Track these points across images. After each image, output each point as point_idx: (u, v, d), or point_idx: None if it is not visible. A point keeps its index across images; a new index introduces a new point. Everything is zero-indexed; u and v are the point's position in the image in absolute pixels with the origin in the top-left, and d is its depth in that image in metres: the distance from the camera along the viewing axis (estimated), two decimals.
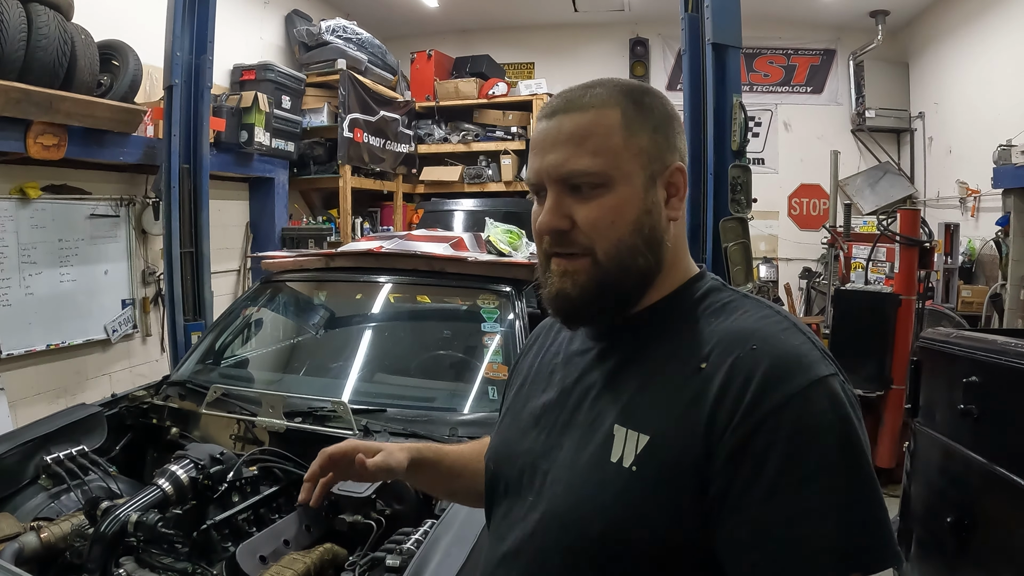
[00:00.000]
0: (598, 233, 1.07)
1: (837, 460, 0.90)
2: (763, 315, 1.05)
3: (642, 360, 1.09)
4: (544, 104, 1.15)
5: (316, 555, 2.14)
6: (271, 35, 7.98)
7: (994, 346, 2.61)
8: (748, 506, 0.91)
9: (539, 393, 1.22)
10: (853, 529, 0.88)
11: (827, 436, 0.91)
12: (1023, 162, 6.00)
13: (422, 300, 3.84)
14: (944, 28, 8.69)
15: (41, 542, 2.26)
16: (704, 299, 1.12)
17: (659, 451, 0.98)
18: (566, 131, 1.08)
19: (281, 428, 2.70)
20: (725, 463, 0.93)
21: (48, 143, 4.30)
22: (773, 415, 0.92)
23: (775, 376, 0.94)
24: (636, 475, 0.99)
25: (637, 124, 1.09)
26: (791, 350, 0.97)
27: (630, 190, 1.08)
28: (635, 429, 1.01)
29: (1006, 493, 2.42)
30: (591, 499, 1.02)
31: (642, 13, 9.86)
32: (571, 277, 1.09)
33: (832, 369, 0.97)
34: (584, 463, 1.06)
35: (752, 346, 0.98)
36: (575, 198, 1.08)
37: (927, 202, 9.19)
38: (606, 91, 1.11)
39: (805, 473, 0.89)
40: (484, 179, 9.48)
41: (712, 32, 3.84)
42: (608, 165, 1.06)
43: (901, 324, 5.03)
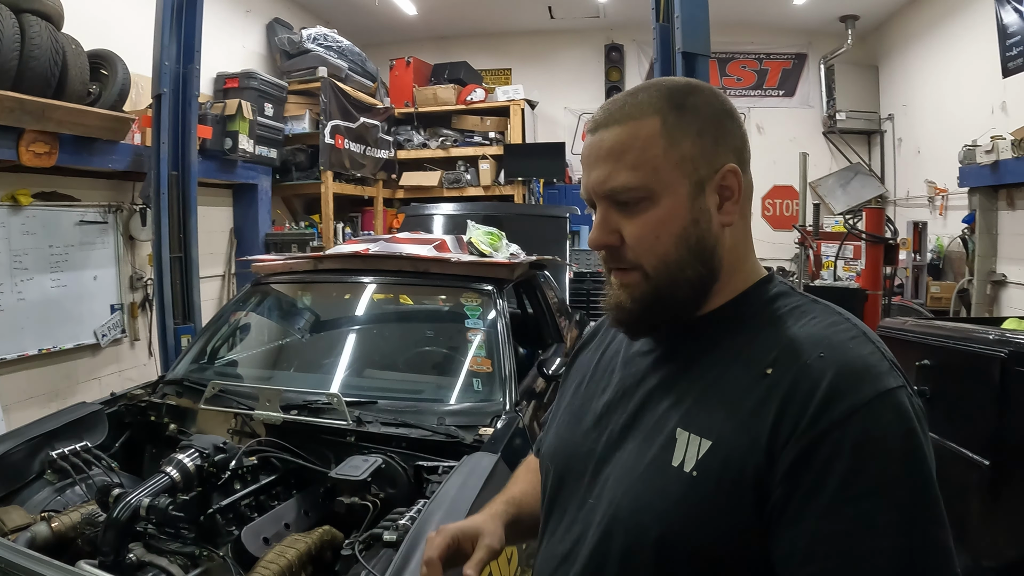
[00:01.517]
0: (644, 249, 1.06)
1: (901, 475, 0.88)
2: (832, 322, 1.02)
3: (706, 363, 1.06)
4: (590, 118, 1.13)
5: (316, 536, 2.27)
6: (253, 43, 8.09)
7: (943, 331, 2.80)
8: (807, 518, 0.89)
9: (599, 393, 1.20)
10: (913, 548, 0.86)
11: (892, 450, 0.89)
12: (987, 162, 6.22)
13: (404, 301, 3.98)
14: (912, 32, 8.95)
15: (52, 531, 2.36)
16: (771, 303, 1.09)
17: (721, 457, 0.96)
18: (606, 146, 1.07)
19: (278, 421, 2.81)
20: (786, 473, 0.91)
21: (40, 151, 4.39)
22: (838, 427, 0.89)
23: (842, 386, 0.91)
24: (697, 480, 0.97)
25: (679, 130, 1.05)
26: (859, 360, 0.95)
27: (674, 201, 1.05)
28: (697, 434, 0.99)
29: (957, 465, 2.61)
30: (651, 503, 1.01)
31: (617, 19, 10.07)
32: (627, 290, 1.09)
33: (900, 381, 0.94)
34: (645, 466, 1.04)
35: (820, 354, 0.96)
36: (622, 213, 1.07)
37: (897, 201, 9.44)
38: (648, 97, 1.08)
39: (867, 487, 0.87)
40: (463, 183, 9.63)
41: (682, 41, 4.00)
42: (648, 178, 1.04)
43: (868, 318, 5.22)
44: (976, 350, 2.54)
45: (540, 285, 4.47)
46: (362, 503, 2.36)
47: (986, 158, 6.28)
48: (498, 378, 3.09)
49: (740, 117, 1.15)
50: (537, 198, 9.59)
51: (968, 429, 2.57)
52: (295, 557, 2.12)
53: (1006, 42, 6.37)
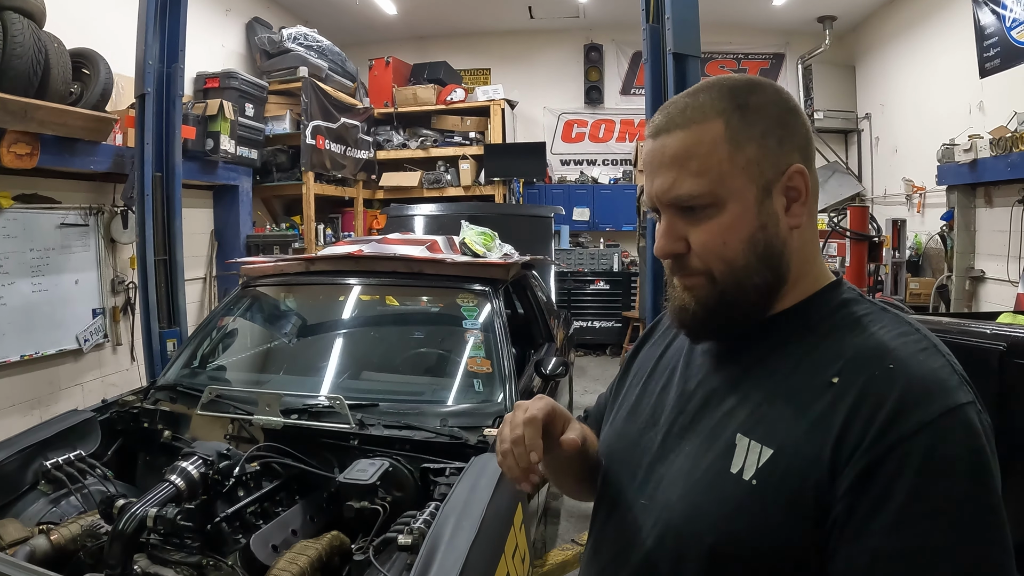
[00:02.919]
0: (712, 256, 1.04)
1: (967, 496, 0.85)
2: (902, 332, 0.99)
3: (769, 368, 1.04)
4: (650, 121, 1.10)
5: (325, 542, 2.24)
6: (233, 43, 8.01)
7: (939, 326, 2.80)
8: (870, 535, 0.87)
9: (658, 391, 1.19)
10: (978, 570, 0.84)
11: (959, 470, 0.86)
12: (966, 160, 6.30)
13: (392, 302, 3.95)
14: (889, 33, 9.06)
15: (52, 544, 2.31)
16: (839, 310, 1.05)
17: (782, 466, 0.94)
18: (669, 153, 1.04)
19: (278, 425, 2.78)
20: (850, 487, 0.89)
21: (21, 152, 4.31)
22: (905, 442, 0.87)
23: (910, 401, 0.89)
24: (756, 489, 0.95)
25: (743, 133, 1.03)
26: (929, 373, 0.92)
27: (741, 207, 1.03)
28: (758, 441, 0.97)
29: None
30: (706, 509, 0.99)
31: (596, 19, 10.09)
32: (692, 292, 1.07)
33: (970, 397, 0.91)
34: (703, 471, 1.02)
35: (889, 365, 0.93)
36: (687, 220, 1.05)
37: (875, 199, 9.55)
38: (709, 99, 1.05)
39: (932, 507, 0.85)
40: (443, 184, 9.60)
41: (673, 42, 3.99)
42: (714, 184, 1.02)
43: None
44: (974, 344, 2.56)
45: (531, 285, 4.47)
46: (372, 507, 2.33)
47: (964, 156, 6.36)
48: (498, 378, 3.08)
49: (804, 112, 1.11)
50: (517, 198, 9.58)
51: None
52: (307, 564, 2.10)
53: (983, 43, 6.46)
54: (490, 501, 2.11)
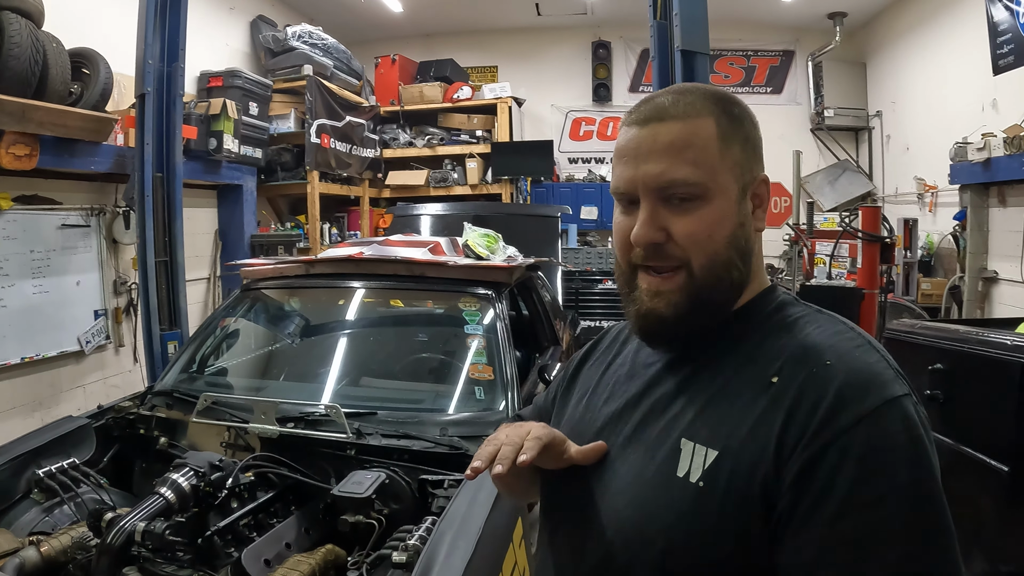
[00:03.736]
0: (696, 247, 1.05)
1: (907, 484, 0.87)
2: (837, 331, 1.03)
3: (711, 373, 1.06)
4: (630, 112, 1.11)
5: (319, 556, 2.18)
6: (237, 41, 7.96)
7: (956, 335, 2.74)
8: (815, 526, 0.88)
9: (602, 404, 1.19)
10: (920, 555, 0.86)
11: (899, 458, 0.88)
12: (979, 159, 6.20)
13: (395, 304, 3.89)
14: (900, 29, 8.94)
15: (42, 556, 2.25)
16: (777, 312, 1.09)
17: (728, 467, 0.95)
18: (663, 140, 1.05)
19: (274, 434, 2.72)
20: (793, 481, 0.90)
21: (20, 153, 4.26)
22: (845, 434, 0.89)
23: (849, 394, 0.91)
24: (704, 491, 0.96)
25: (731, 135, 1.07)
26: (865, 368, 0.95)
27: (726, 203, 1.06)
28: (703, 444, 0.99)
29: (973, 471, 2.56)
30: (656, 515, 1.00)
31: (604, 16, 10.00)
32: (664, 297, 1.07)
33: (906, 389, 0.94)
34: (650, 477, 1.03)
35: (826, 362, 0.96)
36: (670, 210, 1.05)
37: (886, 198, 9.44)
38: (698, 99, 1.08)
39: (874, 496, 0.87)
40: (450, 182, 9.54)
41: (681, 39, 3.94)
42: (707, 176, 1.04)
43: (864, 317, 5.19)
44: (994, 355, 2.49)
45: (536, 287, 4.40)
46: (367, 521, 2.27)
47: (978, 155, 6.26)
48: (500, 385, 3.02)
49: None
50: (525, 197, 9.50)
51: (985, 435, 2.53)
52: None
53: (997, 40, 6.35)
54: (488, 517, 2.04)
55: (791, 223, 7.81)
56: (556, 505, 1.18)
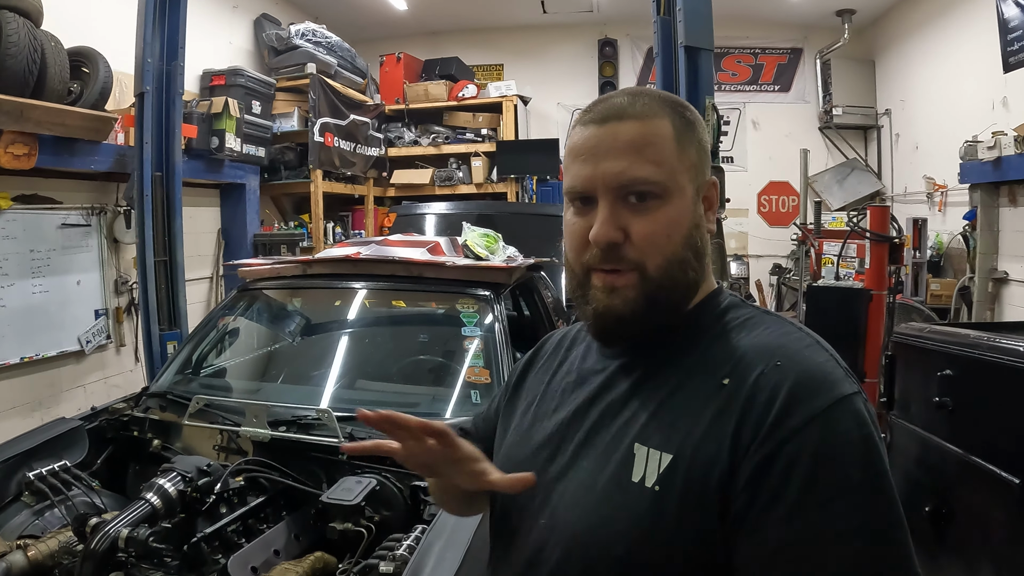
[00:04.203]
0: (653, 247, 1.04)
1: (860, 481, 0.88)
2: (785, 331, 1.04)
3: (661, 377, 1.06)
4: (586, 111, 1.11)
5: (307, 564, 2.15)
6: (240, 39, 7.92)
7: (967, 340, 2.67)
8: (769, 526, 0.89)
9: (551, 412, 1.18)
10: (874, 551, 0.87)
11: (851, 456, 0.89)
12: (989, 158, 6.12)
13: (398, 305, 3.85)
14: (909, 26, 8.84)
15: (28, 560, 2.23)
16: (724, 315, 1.10)
17: (684, 470, 0.95)
18: (625, 138, 1.05)
19: (265, 438, 2.69)
20: (748, 481, 0.91)
21: (19, 152, 4.24)
22: (798, 433, 0.90)
23: (800, 393, 0.92)
24: (660, 495, 0.96)
25: (686, 137, 1.08)
26: (816, 367, 0.96)
27: (683, 203, 1.06)
28: (657, 448, 0.98)
29: (982, 482, 2.49)
30: (612, 521, 0.99)
31: (611, 14, 9.92)
32: (620, 294, 1.06)
33: (855, 387, 0.95)
34: (604, 484, 1.02)
35: (776, 362, 0.96)
36: (628, 209, 1.05)
37: (895, 197, 9.34)
38: (654, 101, 1.09)
39: (828, 494, 0.87)
40: (455, 181, 9.48)
41: (684, 35, 3.88)
42: (666, 176, 1.05)
43: (872, 319, 5.10)
44: (1006, 362, 2.42)
45: (537, 287, 4.35)
46: (356, 529, 2.23)
47: (988, 154, 6.18)
48: (497, 389, 2.96)
49: None
50: (530, 196, 9.44)
51: (996, 445, 2.45)
52: None
53: (1007, 36, 6.27)
54: (478, 527, 1.99)
55: (798, 223, 7.73)
56: (507, 517, 1.16)
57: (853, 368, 4.97)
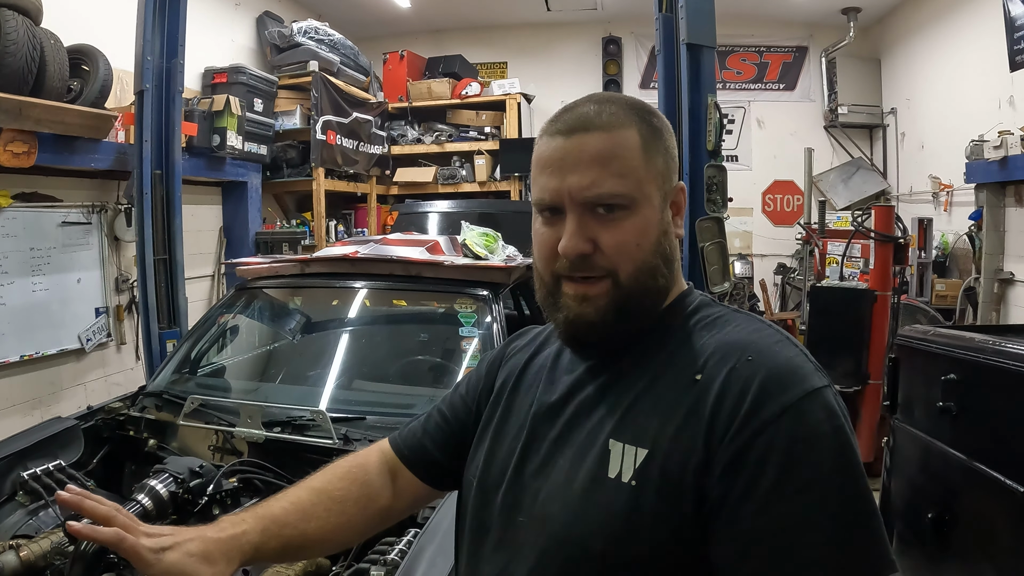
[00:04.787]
0: (623, 256, 1.06)
1: (832, 472, 0.90)
2: (755, 328, 1.06)
3: (634, 375, 1.08)
4: (553, 121, 1.12)
5: (300, 567, 2.12)
6: (242, 37, 7.90)
7: (972, 344, 2.63)
8: (744, 517, 0.91)
9: (524, 410, 1.19)
10: (848, 541, 0.88)
11: (822, 447, 0.91)
12: (995, 157, 6.07)
13: (398, 304, 3.82)
14: (915, 25, 8.78)
15: (21, 560, 2.21)
16: (695, 313, 1.12)
17: (659, 464, 0.97)
18: (591, 151, 1.06)
19: (260, 439, 2.67)
20: (722, 473, 0.93)
21: (18, 151, 4.22)
22: (770, 425, 0.92)
23: (771, 387, 0.94)
24: (636, 490, 0.98)
25: (653, 146, 1.09)
26: (786, 362, 0.98)
27: (651, 212, 1.08)
28: (632, 443, 1.00)
29: (986, 489, 2.45)
30: (590, 517, 1.00)
31: (615, 12, 9.88)
32: (592, 302, 1.08)
33: (825, 381, 0.97)
34: (580, 480, 1.03)
35: (748, 357, 0.98)
36: (596, 220, 1.06)
37: (900, 197, 9.29)
38: (620, 109, 1.10)
39: (800, 485, 0.89)
40: (458, 180, 9.46)
41: (687, 32, 3.85)
42: (633, 187, 1.06)
43: (877, 319, 5.08)
44: (1012, 367, 2.38)
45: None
46: None
47: (994, 153, 6.12)
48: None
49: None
50: None
51: (1001, 451, 2.41)
52: None
53: (1014, 35, 6.21)
54: None
55: (803, 222, 7.69)
56: (480, 518, 1.16)
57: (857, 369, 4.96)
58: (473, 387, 1.36)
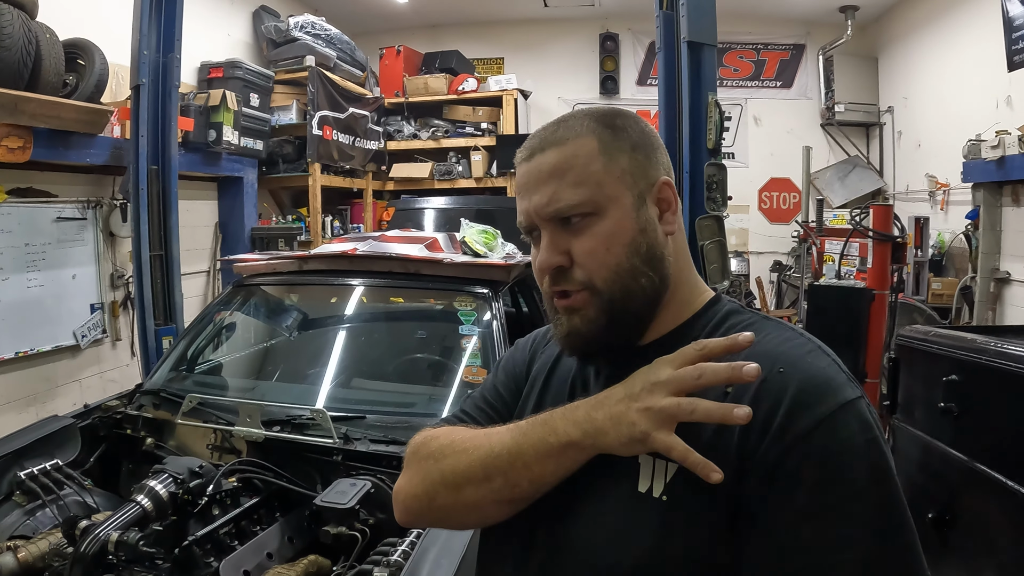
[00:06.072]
0: (596, 263, 1.06)
1: (866, 486, 0.89)
2: (787, 337, 1.04)
3: None
4: (521, 148, 1.14)
5: (301, 568, 2.11)
6: (239, 32, 7.86)
7: (973, 345, 2.63)
8: (777, 531, 0.90)
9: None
10: (883, 555, 0.87)
11: (857, 461, 0.89)
12: (993, 157, 6.07)
13: (395, 301, 3.81)
14: (913, 23, 8.78)
15: (18, 562, 2.20)
16: (723, 323, 1.10)
17: (690, 479, 0.94)
18: (547, 168, 1.08)
19: (259, 438, 2.65)
20: (754, 488, 0.92)
21: (13, 145, 4.19)
22: (803, 440, 0.90)
23: (804, 400, 0.92)
24: (668, 505, 0.96)
25: (614, 147, 1.09)
26: (818, 373, 0.96)
27: (620, 212, 1.07)
28: (663, 458, 0.98)
29: (986, 489, 2.45)
30: (620, 533, 0.99)
31: (612, 8, 9.86)
32: (579, 314, 1.08)
33: (858, 392, 0.95)
34: (611, 496, 1.02)
35: (779, 369, 0.96)
36: (568, 232, 1.07)
37: (896, 195, 9.30)
38: (578, 122, 1.10)
39: (834, 499, 0.88)
40: (454, 175, 9.43)
41: (687, 30, 3.83)
42: (592, 193, 1.06)
43: (874, 318, 5.07)
44: (1013, 369, 2.38)
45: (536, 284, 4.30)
46: (350, 533, 2.19)
47: (991, 153, 6.13)
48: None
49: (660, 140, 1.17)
50: None
51: (1002, 452, 2.41)
52: None
53: (1012, 35, 6.21)
54: (474, 534, 1.95)
55: (800, 220, 7.69)
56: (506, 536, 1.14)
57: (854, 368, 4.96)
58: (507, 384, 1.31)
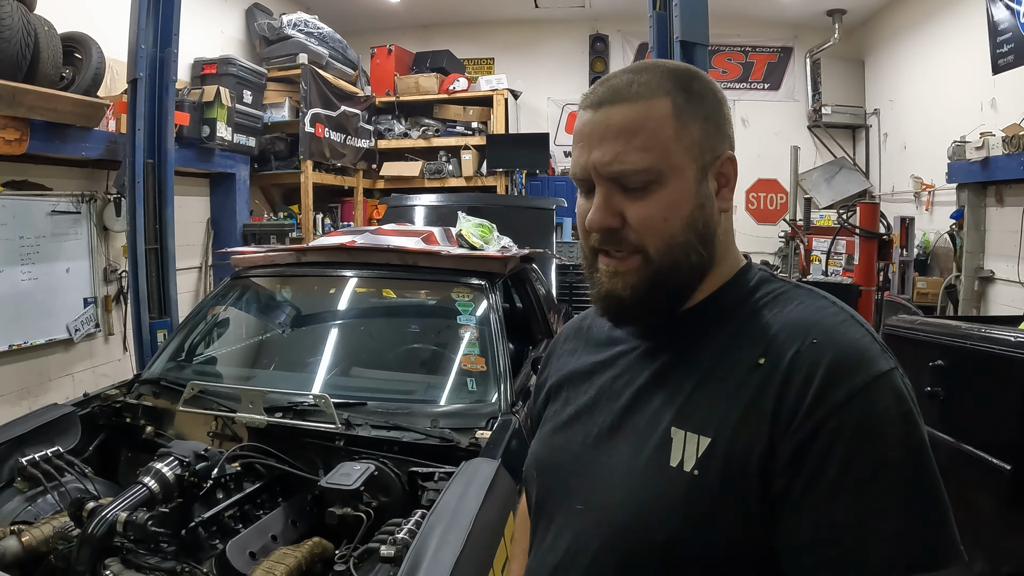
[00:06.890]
0: (650, 231, 1.02)
1: (901, 458, 0.87)
2: (820, 306, 1.01)
3: (695, 358, 1.04)
4: (587, 93, 1.08)
5: (306, 549, 2.14)
6: (232, 29, 7.88)
7: (958, 331, 2.71)
8: (811, 505, 0.88)
9: (580, 396, 1.17)
10: (917, 529, 0.85)
11: (891, 433, 0.88)
12: (977, 158, 6.18)
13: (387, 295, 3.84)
14: (899, 27, 8.90)
15: (23, 546, 2.21)
16: (756, 291, 1.07)
17: (723, 453, 0.94)
18: (615, 125, 1.02)
19: (262, 424, 2.68)
20: (788, 461, 0.90)
21: (10, 137, 4.20)
22: (837, 412, 0.88)
23: (838, 371, 0.90)
24: (699, 479, 0.94)
25: (688, 114, 1.03)
26: (853, 343, 0.94)
27: (682, 184, 1.02)
28: (695, 431, 0.97)
29: (973, 469, 2.53)
30: (652, 506, 0.97)
31: (602, 9, 9.94)
32: (622, 278, 1.05)
33: (893, 363, 0.93)
34: (641, 468, 1.00)
35: (813, 339, 0.94)
36: (625, 195, 1.03)
37: (882, 196, 9.41)
38: (654, 78, 1.04)
39: (869, 472, 0.86)
40: (445, 174, 9.48)
41: (680, 30, 3.90)
42: (659, 160, 1.01)
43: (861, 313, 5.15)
44: (997, 352, 2.46)
45: (530, 279, 4.35)
46: (355, 514, 2.22)
47: (976, 154, 6.24)
48: (492, 377, 2.96)
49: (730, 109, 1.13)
50: (520, 190, 9.44)
51: (987, 433, 2.50)
52: (286, 573, 1.99)
53: (996, 39, 6.33)
54: (480, 510, 2.00)
55: (788, 219, 7.77)
56: (543, 504, 1.15)
57: None
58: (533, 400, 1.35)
